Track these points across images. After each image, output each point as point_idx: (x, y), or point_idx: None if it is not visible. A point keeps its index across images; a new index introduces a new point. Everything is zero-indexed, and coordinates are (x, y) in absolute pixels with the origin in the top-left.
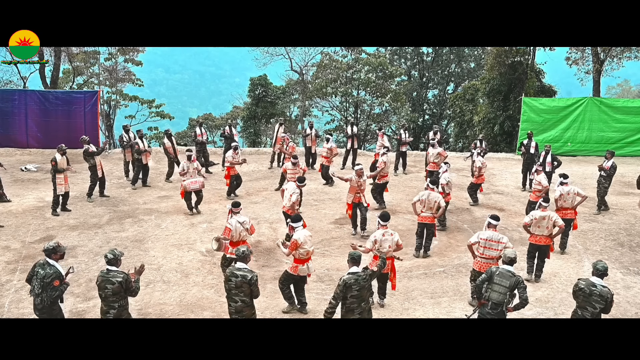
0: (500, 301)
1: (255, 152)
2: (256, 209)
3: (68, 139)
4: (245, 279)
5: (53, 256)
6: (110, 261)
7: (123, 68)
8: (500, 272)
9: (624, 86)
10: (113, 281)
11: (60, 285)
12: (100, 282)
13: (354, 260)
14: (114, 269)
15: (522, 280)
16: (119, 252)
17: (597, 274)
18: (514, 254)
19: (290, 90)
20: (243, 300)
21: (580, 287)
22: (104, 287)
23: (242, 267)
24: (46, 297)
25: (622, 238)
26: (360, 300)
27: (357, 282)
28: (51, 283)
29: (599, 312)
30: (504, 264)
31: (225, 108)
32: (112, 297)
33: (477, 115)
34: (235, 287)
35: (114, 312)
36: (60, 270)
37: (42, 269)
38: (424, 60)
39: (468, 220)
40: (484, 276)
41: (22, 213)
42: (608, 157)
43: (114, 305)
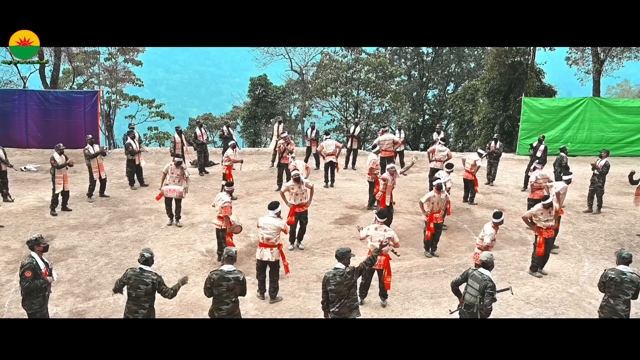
0: (471, 303)
1: (255, 152)
2: (256, 209)
3: (68, 139)
4: (237, 280)
5: (36, 248)
6: (147, 260)
7: (123, 68)
8: (474, 274)
9: (624, 86)
10: (147, 282)
11: (32, 278)
12: (133, 281)
13: (338, 257)
14: (147, 269)
15: (490, 286)
16: (152, 251)
17: (623, 262)
18: (486, 257)
19: (290, 90)
20: (234, 302)
21: (610, 277)
22: (137, 286)
23: (231, 270)
24: (21, 288)
25: (622, 238)
26: (339, 295)
27: (334, 277)
28: (23, 274)
29: (630, 298)
30: (480, 266)
31: (225, 108)
32: (144, 297)
33: (477, 115)
34: (227, 290)
35: (144, 313)
36: (38, 263)
37: (24, 260)
38: (424, 60)
39: (468, 220)
40: (459, 277)
41: (22, 213)
42: (603, 156)
43: (145, 306)
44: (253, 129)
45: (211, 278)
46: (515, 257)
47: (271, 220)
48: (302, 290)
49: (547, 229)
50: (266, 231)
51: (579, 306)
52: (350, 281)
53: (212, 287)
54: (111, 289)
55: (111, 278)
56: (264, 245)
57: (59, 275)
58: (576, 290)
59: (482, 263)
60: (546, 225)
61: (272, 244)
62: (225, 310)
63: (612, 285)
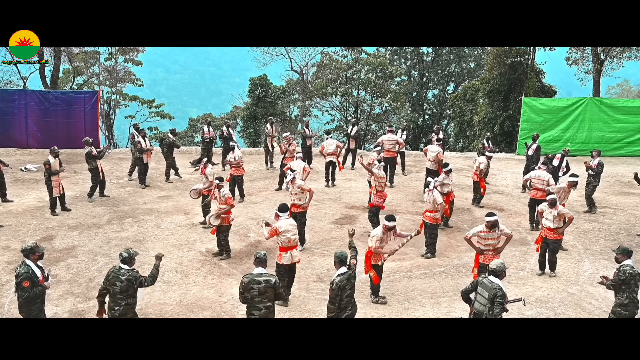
0: (481, 312)
1: (255, 152)
2: (256, 209)
3: (68, 139)
4: (269, 283)
5: (31, 256)
6: (125, 260)
7: (123, 68)
8: (483, 283)
9: (624, 86)
10: (122, 279)
11: (30, 287)
12: (110, 277)
13: (342, 262)
14: (126, 267)
15: (499, 295)
16: (134, 251)
17: (629, 256)
18: (497, 266)
19: (290, 90)
20: (267, 307)
21: (630, 273)
22: (113, 283)
23: (263, 272)
24: (19, 297)
25: (622, 238)
26: (351, 299)
27: (349, 282)
28: (21, 283)
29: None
30: (489, 274)
31: (225, 108)
32: (119, 295)
33: (477, 115)
34: (258, 294)
35: (120, 310)
36: (35, 271)
37: (19, 268)
38: (424, 60)
39: (468, 220)
40: (469, 285)
41: (22, 213)
42: (594, 156)
43: (121, 303)
44: (253, 129)
45: (242, 282)
46: (516, 257)
47: (289, 221)
48: (302, 290)
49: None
50: (291, 233)
51: (579, 306)
52: (354, 281)
53: (244, 291)
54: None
55: None
56: (290, 247)
57: (59, 275)
58: (576, 290)
59: (492, 271)
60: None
61: (296, 243)
62: (257, 316)
63: (631, 280)
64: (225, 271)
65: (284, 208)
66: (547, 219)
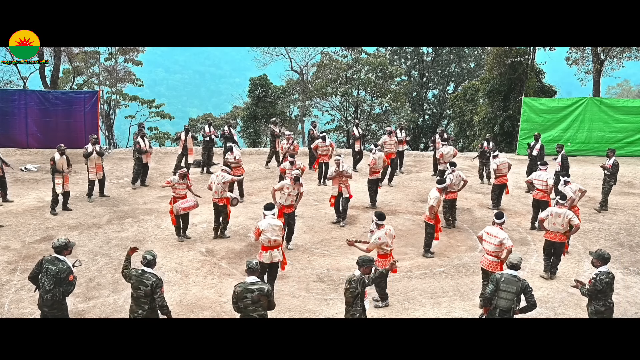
0: (508, 308)
1: (256, 152)
2: (256, 209)
3: (68, 139)
4: (262, 291)
5: (64, 252)
6: (149, 263)
7: (123, 68)
8: (506, 278)
9: (624, 86)
10: (147, 283)
11: (75, 281)
12: (134, 282)
13: (358, 264)
14: (149, 271)
15: (528, 285)
16: (155, 253)
17: (605, 262)
18: (517, 260)
19: (290, 90)
20: (261, 315)
21: (606, 282)
22: (137, 287)
23: (255, 281)
24: (58, 292)
25: (622, 238)
26: (346, 302)
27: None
28: (66, 278)
29: None
30: (508, 269)
31: (225, 108)
32: (143, 299)
33: (477, 115)
34: (252, 303)
35: (143, 313)
36: (70, 265)
37: (54, 265)
38: (424, 60)
39: (468, 220)
40: (492, 286)
41: (22, 213)
42: (610, 156)
43: (144, 307)
44: (253, 129)
45: (235, 291)
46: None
47: (273, 221)
48: (302, 290)
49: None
50: (273, 233)
51: (579, 306)
52: (355, 290)
53: (237, 301)
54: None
55: (111, 278)
56: (271, 247)
57: None
58: (576, 290)
59: (512, 265)
60: (555, 230)
61: (278, 244)
62: None
63: (607, 289)
64: (225, 271)
65: (270, 207)
66: (563, 225)
